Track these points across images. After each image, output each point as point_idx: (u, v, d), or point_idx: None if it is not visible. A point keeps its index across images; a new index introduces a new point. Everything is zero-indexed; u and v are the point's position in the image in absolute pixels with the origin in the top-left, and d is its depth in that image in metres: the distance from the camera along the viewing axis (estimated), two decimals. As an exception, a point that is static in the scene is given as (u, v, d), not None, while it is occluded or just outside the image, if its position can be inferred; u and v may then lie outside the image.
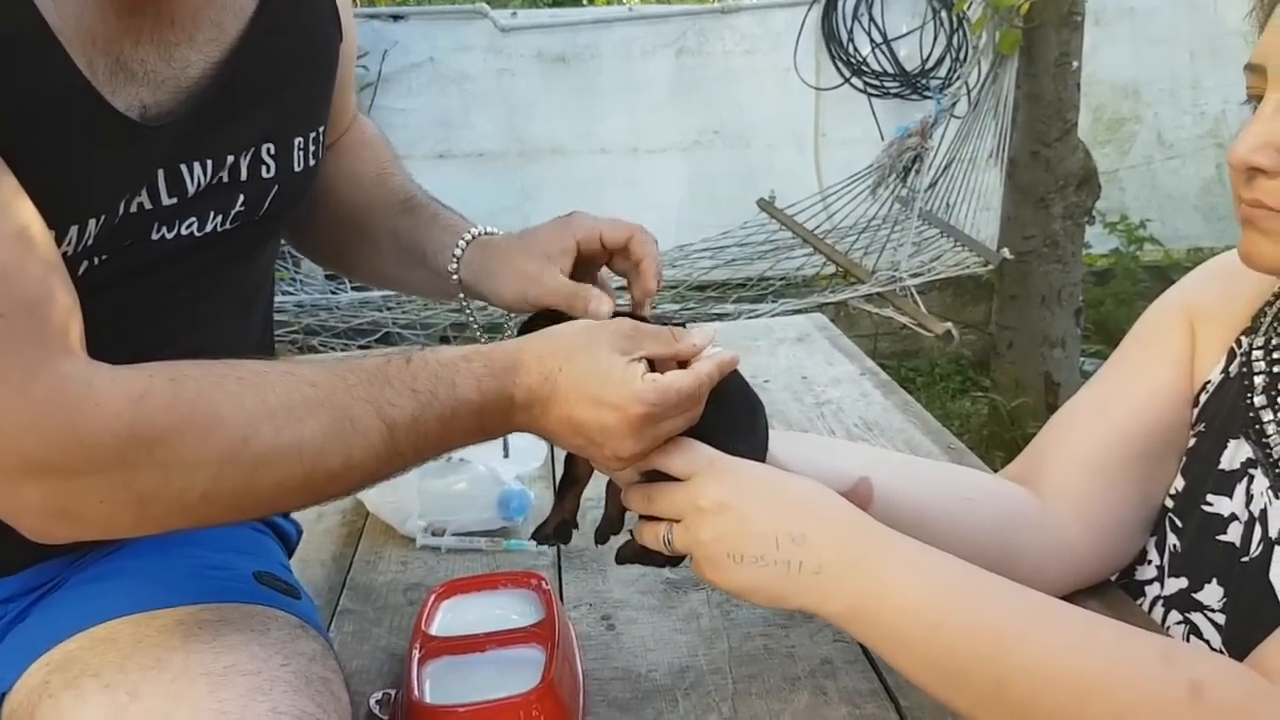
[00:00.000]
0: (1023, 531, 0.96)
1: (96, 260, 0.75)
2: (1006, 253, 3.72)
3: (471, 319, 1.04)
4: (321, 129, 0.91)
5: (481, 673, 0.88)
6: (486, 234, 0.97)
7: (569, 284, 0.90)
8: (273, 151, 0.85)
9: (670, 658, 0.99)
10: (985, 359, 4.42)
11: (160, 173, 0.77)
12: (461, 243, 0.96)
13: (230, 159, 0.82)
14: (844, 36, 5.05)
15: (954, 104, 3.96)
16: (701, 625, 1.04)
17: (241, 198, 0.84)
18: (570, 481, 0.94)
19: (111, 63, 0.72)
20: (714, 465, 0.80)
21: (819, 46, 5.09)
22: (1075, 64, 3.69)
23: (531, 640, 0.90)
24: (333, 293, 3.98)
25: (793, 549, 0.75)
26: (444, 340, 3.63)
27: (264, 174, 0.85)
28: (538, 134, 5.11)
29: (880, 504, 0.90)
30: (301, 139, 0.88)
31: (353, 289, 3.99)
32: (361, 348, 3.48)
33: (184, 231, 0.81)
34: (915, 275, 3.62)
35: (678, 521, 0.79)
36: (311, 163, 0.90)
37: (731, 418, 0.86)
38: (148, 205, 0.77)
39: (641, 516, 0.84)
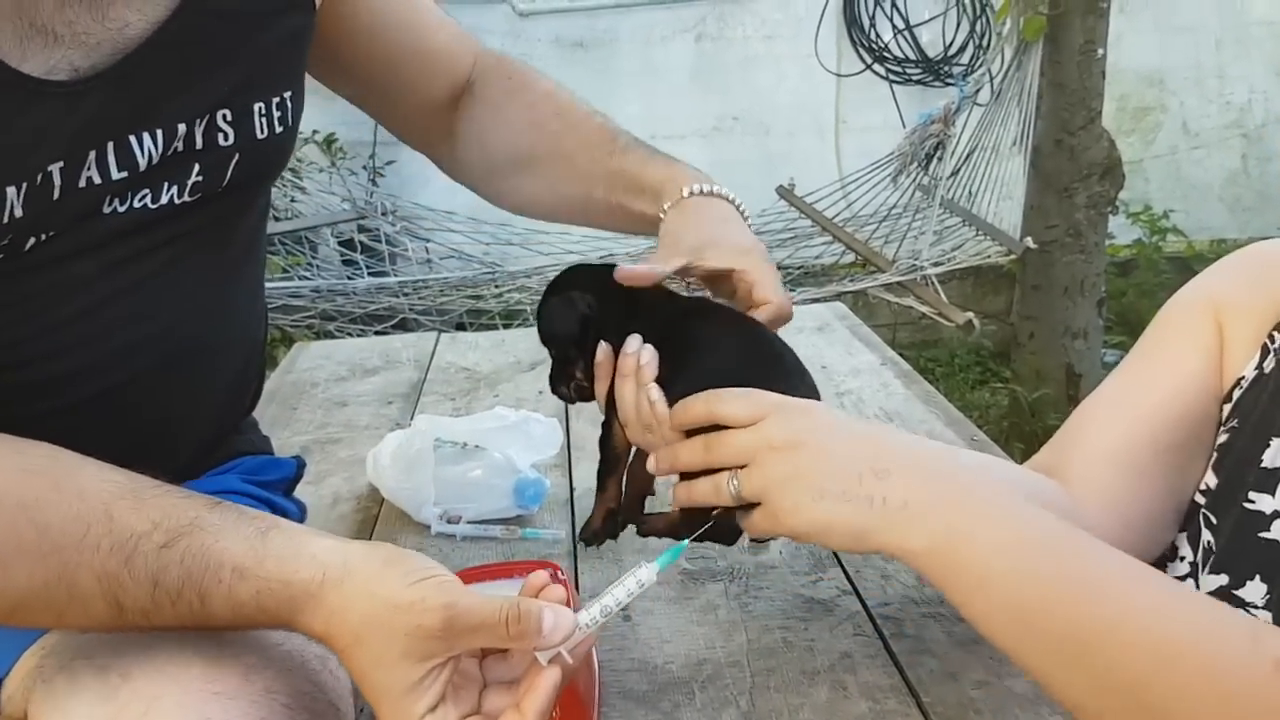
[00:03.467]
0: (1051, 525, 0.94)
1: (44, 236, 0.73)
2: (1030, 241, 3.67)
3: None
4: (288, 94, 0.86)
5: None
6: (702, 193, 1.00)
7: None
8: (229, 118, 0.81)
9: (687, 650, 0.97)
10: (1005, 350, 4.38)
11: (110, 145, 0.74)
12: (675, 198, 0.99)
13: (183, 128, 0.78)
14: (866, 22, 5.01)
15: (977, 91, 3.91)
16: (719, 617, 1.02)
17: (197, 167, 0.80)
18: (611, 464, 0.90)
19: (24, 27, 0.68)
20: (783, 405, 0.77)
21: (840, 32, 5.05)
22: (1100, 51, 3.64)
23: (547, 631, 0.89)
24: (349, 278, 3.97)
25: (875, 484, 0.72)
26: (460, 327, 3.60)
27: (221, 142, 0.81)
28: (556, 119, 5.08)
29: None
30: (263, 104, 0.84)
31: (369, 275, 3.97)
32: (378, 333, 3.46)
33: (136, 204, 0.77)
34: (936, 264, 3.58)
35: (742, 468, 0.76)
36: (279, 129, 0.85)
37: (779, 367, 0.84)
38: (97, 180, 0.74)
39: (682, 477, 0.81)
